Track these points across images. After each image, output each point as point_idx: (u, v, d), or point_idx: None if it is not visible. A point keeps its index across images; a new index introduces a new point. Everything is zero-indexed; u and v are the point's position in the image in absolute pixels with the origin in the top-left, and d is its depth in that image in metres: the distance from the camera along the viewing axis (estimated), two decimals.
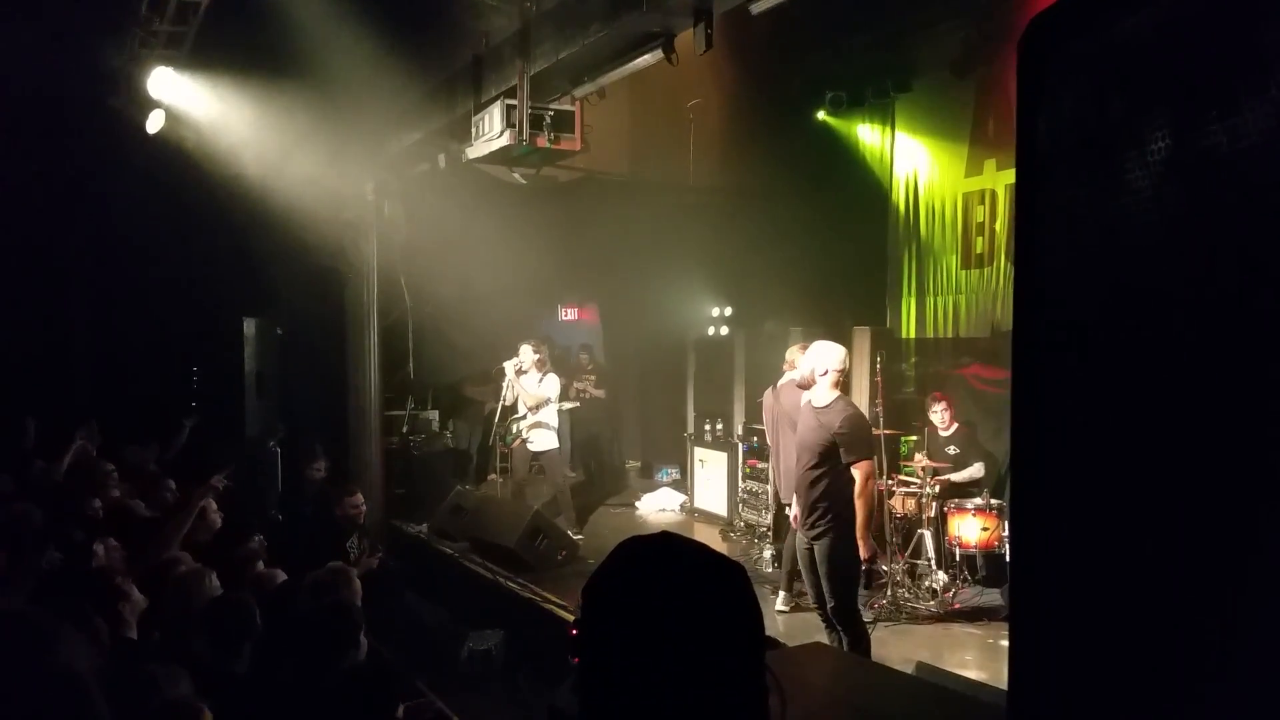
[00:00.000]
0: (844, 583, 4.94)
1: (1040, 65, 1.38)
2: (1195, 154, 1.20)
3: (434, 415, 10.18)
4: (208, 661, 3.10)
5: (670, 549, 1.16)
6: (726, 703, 1.08)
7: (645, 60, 5.61)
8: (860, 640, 4.92)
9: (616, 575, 1.14)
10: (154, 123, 8.00)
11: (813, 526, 4.92)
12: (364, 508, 6.23)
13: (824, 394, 4.92)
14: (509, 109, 6.18)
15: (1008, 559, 5.84)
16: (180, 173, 8.41)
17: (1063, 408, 1.53)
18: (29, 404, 6.28)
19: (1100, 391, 1.45)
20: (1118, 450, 1.45)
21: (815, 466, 4.90)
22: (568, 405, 8.42)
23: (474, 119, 6.69)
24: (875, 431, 5.66)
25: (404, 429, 9.81)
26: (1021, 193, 1.53)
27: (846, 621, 4.93)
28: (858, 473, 4.82)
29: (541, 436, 8.14)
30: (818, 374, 4.93)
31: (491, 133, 6.38)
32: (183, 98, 7.83)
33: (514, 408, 8.17)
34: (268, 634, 3.30)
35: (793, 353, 6.34)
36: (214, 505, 4.94)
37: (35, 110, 8.71)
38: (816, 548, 4.92)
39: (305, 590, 3.67)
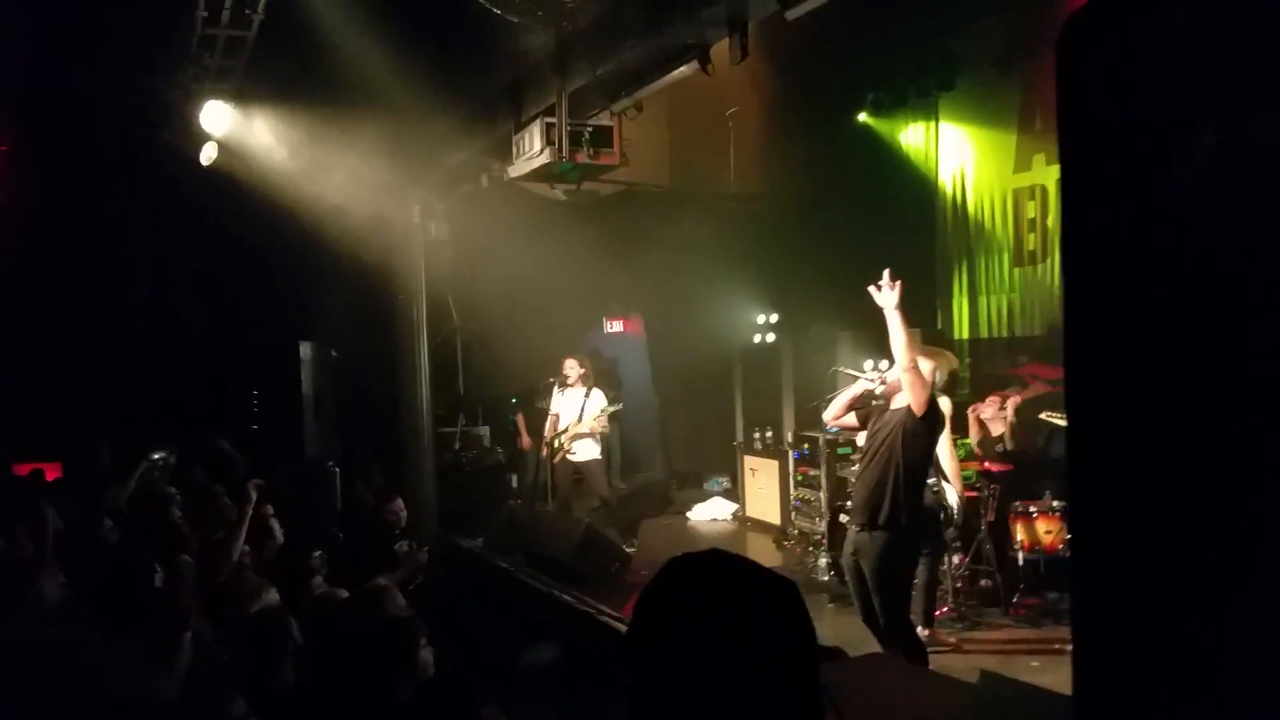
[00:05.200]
0: (897, 595, 4.69)
1: (1079, 62, 1.35)
2: (1241, 144, 1.16)
3: (485, 431, 10.28)
4: (250, 675, 3.12)
5: (719, 566, 1.15)
6: None
7: (681, 72, 5.61)
8: (917, 656, 4.65)
9: (664, 594, 1.14)
10: (207, 155, 8.25)
11: (868, 519, 4.64)
12: (404, 513, 6.56)
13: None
14: (548, 127, 6.24)
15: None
16: (234, 202, 8.65)
17: (1118, 403, 1.49)
18: (98, 433, 6.47)
19: (1156, 385, 1.41)
20: (1179, 446, 1.41)
21: (877, 457, 4.68)
22: (613, 408, 8.47)
23: (514, 138, 6.77)
24: None
25: (456, 445, 9.92)
26: (1066, 188, 1.50)
27: (901, 638, 4.67)
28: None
29: (584, 446, 8.23)
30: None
31: (532, 151, 6.46)
32: (234, 129, 8.06)
33: (559, 421, 8.28)
34: (326, 654, 3.31)
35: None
36: (275, 523, 5.05)
37: (92, 144, 9.01)
38: (866, 554, 4.66)
39: (349, 612, 3.70)
